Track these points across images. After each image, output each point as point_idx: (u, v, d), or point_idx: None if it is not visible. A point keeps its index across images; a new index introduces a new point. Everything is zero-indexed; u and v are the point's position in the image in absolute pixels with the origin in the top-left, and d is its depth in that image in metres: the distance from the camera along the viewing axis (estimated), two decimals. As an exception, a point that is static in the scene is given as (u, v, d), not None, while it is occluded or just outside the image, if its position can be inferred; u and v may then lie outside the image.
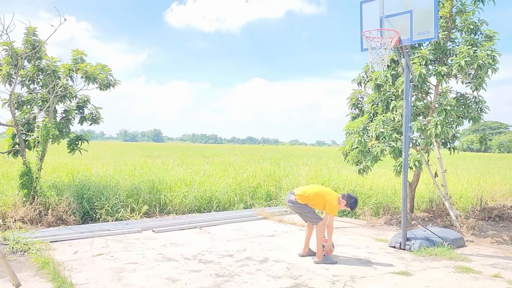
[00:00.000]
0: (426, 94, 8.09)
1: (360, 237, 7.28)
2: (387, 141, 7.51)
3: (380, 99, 8.27)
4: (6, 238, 6.12)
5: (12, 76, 8.04)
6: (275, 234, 7.41)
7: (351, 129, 8.23)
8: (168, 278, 4.79)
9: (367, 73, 8.76)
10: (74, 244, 6.23)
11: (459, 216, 7.92)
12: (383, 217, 8.86)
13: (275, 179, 12.29)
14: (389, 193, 10.21)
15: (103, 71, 8.67)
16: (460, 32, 7.98)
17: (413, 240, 6.41)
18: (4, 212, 7.10)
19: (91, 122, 9.07)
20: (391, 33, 6.32)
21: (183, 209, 9.21)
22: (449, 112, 7.16)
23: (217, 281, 4.75)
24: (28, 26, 8.07)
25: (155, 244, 6.39)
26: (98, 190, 8.65)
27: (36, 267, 5.04)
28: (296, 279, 4.90)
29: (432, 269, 5.40)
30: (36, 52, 8.10)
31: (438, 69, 7.47)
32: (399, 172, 7.56)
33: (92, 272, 4.93)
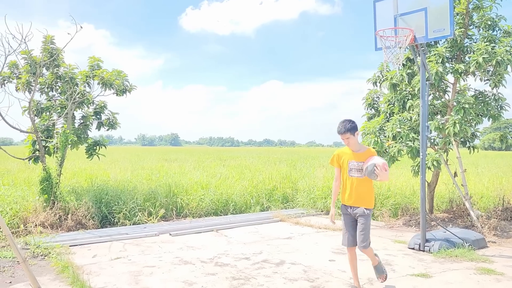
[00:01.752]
0: (444, 92, 7.95)
1: (378, 239, 7.18)
2: (404, 141, 7.41)
3: (396, 99, 8.16)
4: (27, 242, 6.25)
5: (31, 84, 8.23)
6: (291, 236, 7.38)
7: (367, 130, 8.14)
8: (185, 281, 4.81)
9: (382, 73, 8.66)
10: (93, 248, 6.32)
11: (480, 216, 7.74)
12: (402, 218, 8.73)
13: (292, 181, 12.25)
14: (408, 194, 10.05)
15: (119, 77, 8.80)
16: (478, 28, 7.82)
17: (432, 242, 6.29)
18: (25, 217, 7.25)
19: (108, 127, 9.20)
20: (405, 32, 6.23)
21: (199, 212, 9.25)
22: (468, 110, 7.02)
23: (234, 284, 4.75)
24: (46, 35, 8.25)
25: (172, 248, 6.43)
26: (116, 194, 8.76)
27: (56, 271, 5.13)
28: (313, 281, 4.86)
29: (452, 271, 5.29)
30: (54, 60, 8.26)
31: (455, 67, 7.34)
32: (417, 173, 7.44)
33: (110, 276, 4.99)
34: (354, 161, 4.34)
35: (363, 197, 4.36)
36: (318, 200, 10.27)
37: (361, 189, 4.36)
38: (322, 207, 10.05)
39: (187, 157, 30.33)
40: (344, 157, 4.45)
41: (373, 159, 4.19)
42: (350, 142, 4.33)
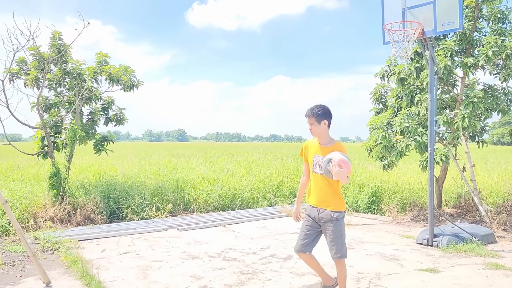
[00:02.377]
0: (452, 86, 7.87)
1: (386, 234, 7.16)
2: (412, 136, 7.36)
3: (404, 93, 8.10)
4: (37, 237, 6.32)
5: (39, 80, 8.28)
6: (298, 231, 7.37)
7: (375, 124, 8.10)
8: (192, 276, 4.84)
9: (390, 67, 8.59)
10: (101, 243, 6.37)
11: (489, 211, 7.69)
12: (410, 214, 8.69)
13: (299, 176, 12.22)
14: (416, 189, 10.00)
15: (126, 72, 8.82)
16: (487, 21, 7.72)
17: (441, 237, 6.26)
18: (35, 212, 7.32)
19: (115, 123, 9.25)
20: (414, 25, 6.17)
21: (207, 208, 9.28)
22: (477, 105, 6.95)
23: (241, 278, 4.77)
24: (54, 31, 8.29)
25: (180, 242, 6.46)
26: (124, 189, 8.81)
27: (65, 265, 5.18)
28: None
29: (461, 266, 5.26)
30: (62, 56, 8.31)
31: (464, 61, 7.26)
32: (425, 167, 7.40)
33: (119, 270, 5.03)
34: (319, 156, 3.75)
35: (328, 198, 3.75)
36: (325, 195, 10.22)
37: (326, 188, 3.75)
38: (329, 202, 10.01)
39: (194, 153, 30.41)
40: (311, 149, 3.88)
41: (331, 154, 3.60)
42: (313, 131, 3.76)
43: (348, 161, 3.56)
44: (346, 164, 3.53)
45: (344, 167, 3.50)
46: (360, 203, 9.45)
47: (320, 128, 3.73)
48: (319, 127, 3.73)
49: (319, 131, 3.75)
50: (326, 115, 3.73)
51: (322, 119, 3.72)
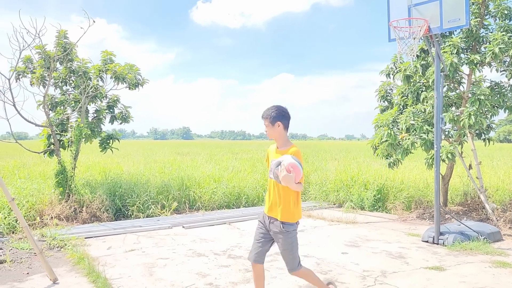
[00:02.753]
0: (459, 83, 7.83)
1: (391, 232, 7.14)
2: (418, 134, 7.32)
3: (410, 91, 8.07)
4: (43, 234, 6.36)
5: (45, 78, 8.32)
6: (304, 229, 7.38)
7: (380, 122, 8.07)
8: (198, 273, 4.85)
9: (395, 64, 8.55)
10: (107, 240, 6.40)
11: (495, 209, 7.64)
12: (415, 211, 8.66)
13: (304, 174, 12.19)
14: (421, 187, 9.96)
15: (131, 70, 8.84)
16: (494, 18, 7.66)
17: (446, 235, 6.24)
18: (41, 210, 7.37)
19: (121, 121, 9.28)
20: (420, 22, 6.13)
21: (212, 205, 9.30)
22: (483, 102, 6.90)
23: (247, 276, 4.77)
24: (59, 29, 8.32)
25: (185, 240, 6.48)
26: (130, 187, 8.85)
27: (72, 262, 5.21)
28: (326, 274, 4.85)
29: (467, 264, 5.24)
30: (68, 54, 8.34)
31: (470, 58, 7.21)
32: (431, 165, 7.37)
33: (125, 267, 5.05)
34: (275, 160, 3.45)
35: (279, 207, 3.44)
36: (330, 193, 10.24)
37: (278, 196, 3.45)
38: (334, 200, 10.02)
39: (199, 151, 30.46)
40: (271, 154, 3.62)
41: (282, 157, 3.35)
42: (269, 133, 3.52)
43: (298, 166, 3.27)
44: (296, 168, 3.24)
45: (293, 172, 3.22)
46: (366, 201, 9.43)
47: (275, 131, 3.49)
48: (274, 129, 3.49)
49: (275, 133, 3.50)
50: (280, 116, 3.48)
51: (276, 121, 3.47)
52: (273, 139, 3.59)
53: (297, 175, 3.25)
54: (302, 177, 3.32)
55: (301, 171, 3.29)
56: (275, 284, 4.52)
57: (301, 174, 3.29)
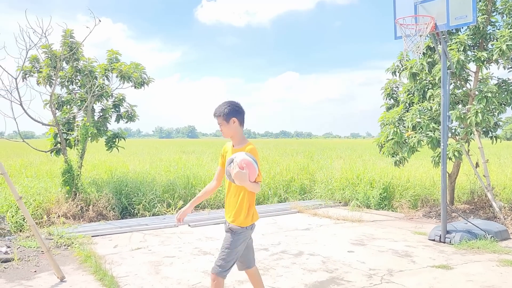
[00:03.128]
0: (465, 81, 7.77)
1: (398, 230, 7.12)
2: (424, 131, 7.28)
3: (416, 88, 8.02)
4: (50, 233, 6.40)
5: (52, 77, 8.36)
6: (309, 227, 7.37)
7: (386, 120, 8.03)
8: (204, 272, 4.86)
9: (401, 62, 8.51)
10: (114, 239, 6.44)
11: (503, 207, 7.58)
12: (422, 210, 8.62)
13: (309, 172, 12.21)
14: (428, 185, 9.91)
15: (137, 69, 8.87)
16: (501, 14, 7.59)
17: (453, 233, 6.20)
18: (48, 208, 7.42)
19: (127, 119, 9.31)
20: (426, 19, 6.09)
21: (218, 204, 9.32)
22: (490, 99, 6.85)
23: (253, 274, 4.77)
24: (65, 29, 8.36)
25: (191, 238, 6.50)
26: (136, 186, 8.88)
27: (79, 260, 5.24)
28: (331, 272, 4.85)
29: (474, 263, 5.21)
30: (74, 53, 8.38)
31: (477, 55, 7.15)
32: (438, 163, 7.33)
33: (131, 265, 5.08)
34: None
35: (234, 208, 3.22)
36: (336, 192, 10.21)
37: (234, 197, 3.24)
38: (340, 198, 10.00)
39: (204, 149, 30.49)
40: (227, 154, 3.37)
41: (235, 154, 3.13)
42: (224, 131, 3.28)
43: (253, 163, 3.06)
44: (250, 165, 3.03)
45: (246, 168, 3.01)
46: (371, 199, 9.40)
47: (230, 128, 3.24)
48: (229, 126, 3.24)
49: (230, 131, 3.25)
50: (234, 112, 3.24)
51: (231, 117, 3.22)
52: (229, 138, 3.34)
53: (251, 173, 3.04)
54: (259, 176, 3.12)
55: (256, 169, 3.07)
56: (280, 283, 4.52)
57: (257, 173, 3.08)
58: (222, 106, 3.27)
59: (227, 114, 3.23)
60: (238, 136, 3.30)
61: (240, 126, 3.28)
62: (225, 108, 3.24)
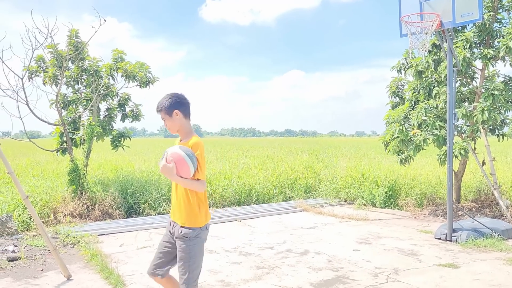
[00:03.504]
0: (471, 79, 7.72)
1: (403, 229, 7.09)
2: (430, 130, 7.25)
3: (422, 86, 7.98)
4: (57, 232, 6.44)
5: (57, 77, 8.40)
6: (315, 226, 7.36)
7: (392, 118, 8.00)
8: (209, 270, 4.87)
9: (407, 60, 8.47)
10: (120, 237, 6.46)
11: (509, 205, 7.53)
12: (427, 208, 8.59)
13: (314, 171, 12.19)
14: (434, 183, 9.86)
15: (142, 69, 8.89)
16: (508, 11, 7.53)
17: (460, 231, 6.17)
18: (55, 207, 7.46)
19: (132, 119, 9.33)
20: (432, 17, 6.06)
21: (223, 203, 9.33)
22: (497, 97, 6.80)
23: (258, 273, 4.78)
24: (71, 29, 8.39)
25: (197, 237, 6.50)
26: (141, 185, 8.91)
27: (85, 259, 5.27)
28: (337, 271, 4.84)
29: (481, 261, 5.18)
30: (79, 53, 8.41)
31: (483, 52, 7.10)
32: (444, 161, 7.29)
33: (137, 264, 5.09)
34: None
35: (181, 208, 2.97)
36: (341, 190, 10.20)
37: (180, 196, 2.98)
38: (345, 197, 9.98)
39: (209, 148, 30.53)
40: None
41: (169, 148, 2.95)
42: (169, 126, 3.05)
43: (185, 158, 2.81)
44: (180, 161, 2.80)
45: (174, 162, 2.80)
46: (377, 197, 9.37)
47: (174, 121, 3.02)
48: (173, 120, 3.01)
49: (175, 124, 3.03)
50: (177, 104, 3.01)
51: (173, 109, 2.99)
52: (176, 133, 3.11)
53: (181, 169, 2.80)
54: (198, 173, 2.88)
55: (188, 164, 2.81)
56: (286, 281, 4.52)
57: (191, 169, 2.83)
58: (163, 99, 3.04)
59: (169, 107, 3.00)
60: (184, 130, 3.06)
61: (185, 119, 3.05)
62: (166, 101, 3.01)
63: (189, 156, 2.83)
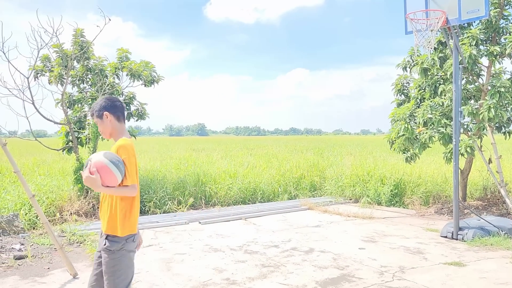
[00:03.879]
0: (478, 76, 7.67)
1: (409, 227, 7.06)
2: (436, 127, 7.21)
3: (427, 84, 7.94)
4: (63, 230, 6.48)
5: (63, 76, 8.44)
6: (320, 224, 7.35)
7: (397, 116, 7.97)
8: (215, 269, 4.88)
9: (412, 57, 8.43)
10: (125, 236, 6.47)
11: (516, 204, 7.48)
12: (433, 206, 8.55)
13: (319, 169, 12.16)
14: (439, 181, 9.81)
15: (146, 68, 8.91)
16: (514, 8, 7.47)
17: (466, 230, 6.14)
18: (61, 206, 7.51)
19: (137, 118, 9.36)
20: (437, 14, 6.02)
21: (228, 201, 9.34)
22: (503, 94, 6.75)
23: (263, 271, 4.78)
24: (76, 28, 8.42)
25: (202, 235, 6.52)
26: (146, 183, 8.94)
27: (91, 257, 5.30)
28: (342, 269, 4.83)
29: (487, 260, 5.15)
30: (84, 52, 8.44)
31: (490, 49, 7.05)
32: (450, 159, 7.25)
33: (143, 262, 5.11)
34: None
35: (106, 216, 2.73)
36: (346, 188, 10.17)
37: (106, 203, 2.77)
38: (350, 195, 9.96)
39: (214, 147, 30.58)
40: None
41: (92, 156, 2.71)
42: (103, 131, 2.89)
43: (109, 165, 2.59)
44: (103, 169, 2.58)
45: (98, 172, 2.57)
46: (382, 196, 9.34)
47: (106, 124, 2.85)
48: (104, 123, 2.85)
49: (106, 128, 2.86)
50: (107, 106, 2.85)
51: (103, 111, 2.84)
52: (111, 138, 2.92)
53: (105, 178, 2.58)
54: (127, 179, 2.68)
55: (114, 172, 2.60)
56: (291, 279, 4.51)
57: (116, 176, 2.61)
58: (95, 104, 2.91)
59: (99, 110, 2.86)
60: (116, 133, 2.88)
61: (117, 121, 2.87)
62: (96, 105, 2.88)
63: (114, 163, 2.61)
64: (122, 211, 2.72)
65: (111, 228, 2.70)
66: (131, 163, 2.71)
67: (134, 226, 2.79)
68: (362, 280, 4.48)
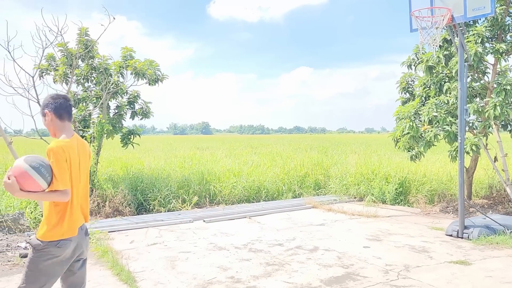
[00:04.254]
0: (483, 74, 7.62)
1: (414, 226, 7.04)
2: (441, 125, 7.17)
3: (433, 82, 7.90)
4: (68, 228, 6.50)
5: (68, 75, 8.47)
6: (324, 223, 7.34)
7: (402, 114, 7.94)
8: (219, 267, 4.88)
9: (417, 55, 8.39)
10: (130, 234, 6.51)
11: (522, 202, 7.44)
12: (438, 205, 8.51)
13: (323, 167, 12.15)
14: (445, 180, 9.77)
15: (151, 66, 8.92)
16: (520, 5, 7.41)
17: (471, 228, 6.10)
18: (66, 204, 7.53)
19: (142, 116, 9.39)
20: (442, 11, 5.98)
21: (232, 200, 9.34)
22: (509, 92, 6.71)
23: (268, 269, 4.78)
24: (81, 27, 8.44)
25: (206, 234, 6.53)
26: (151, 182, 8.96)
27: (96, 255, 5.32)
28: (347, 268, 4.82)
29: (493, 258, 5.12)
30: (89, 51, 8.47)
31: (496, 47, 7.00)
32: (455, 158, 7.22)
33: (148, 261, 5.13)
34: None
35: (44, 216, 2.64)
36: (350, 187, 10.15)
37: (44, 205, 2.68)
38: (355, 194, 9.93)
39: (218, 145, 30.60)
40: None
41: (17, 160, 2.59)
42: (48, 129, 2.80)
43: (28, 170, 2.46)
44: (22, 174, 2.45)
45: (15, 177, 2.44)
46: (387, 194, 9.31)
47: (47, 123, 2.75)
48: (46, 121, 2.75)
49: (49, 127, 2.76)
50: (48, 105, 2.73)
51: (44, 110, 2.74)
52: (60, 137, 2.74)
53: (24, 183, 2.45)
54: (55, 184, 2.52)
55: (34, 177, 2.46)
56: (296, 278, 4.51)
57: (37, 181, 2.47)
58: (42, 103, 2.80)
59: (42, 108, 2.76)
60: (57, 133, 2.75)
61: (58, 120, 2.73)
62: (42, 103, 2.77)
63: (34, 168, 2.47)
64: (57, 215, 2.58)
65: (42, 232, 2.55)
66: (59, 167, 2.53)
67: (69, 231, 2.61)
68: (367, 278, 4.47)
